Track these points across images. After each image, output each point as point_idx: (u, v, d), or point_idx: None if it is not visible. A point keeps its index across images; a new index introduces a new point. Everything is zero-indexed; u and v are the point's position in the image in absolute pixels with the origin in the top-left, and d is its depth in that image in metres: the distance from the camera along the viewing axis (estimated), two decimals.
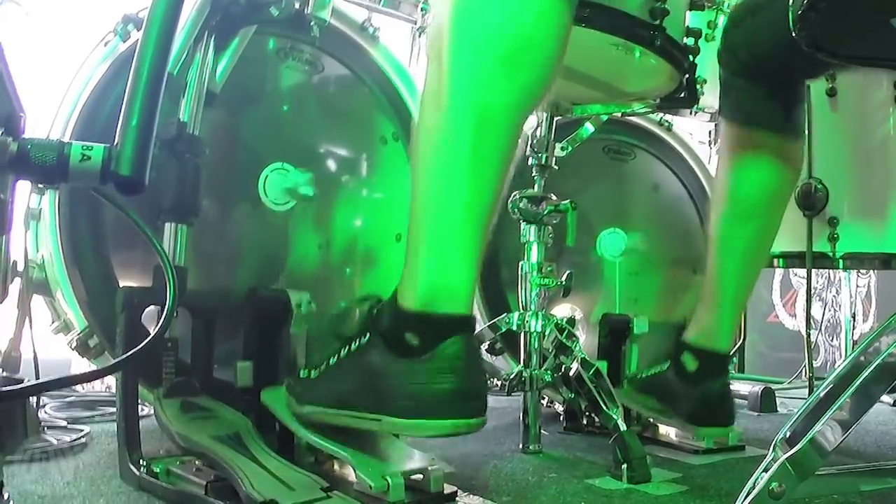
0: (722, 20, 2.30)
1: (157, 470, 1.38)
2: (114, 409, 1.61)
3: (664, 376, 1.86)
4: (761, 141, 1.72)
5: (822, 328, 3.98)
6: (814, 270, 2.33)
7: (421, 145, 1.24)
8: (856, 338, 3.46)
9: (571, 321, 1.96)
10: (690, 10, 1.74)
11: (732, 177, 1.77)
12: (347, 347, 1.30)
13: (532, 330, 1.87)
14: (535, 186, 1.93)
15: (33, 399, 1.61)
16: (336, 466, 1.45)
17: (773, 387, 2.77)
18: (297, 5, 1.92)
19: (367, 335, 1.27)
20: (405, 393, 1.19)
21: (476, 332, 1.93)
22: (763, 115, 1.74)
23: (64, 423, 1.86)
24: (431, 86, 1.23)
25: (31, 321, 1.83)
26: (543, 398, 2.16)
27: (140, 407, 1.48)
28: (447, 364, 1.19)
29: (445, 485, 1.38)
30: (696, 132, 2.97)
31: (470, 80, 1.19)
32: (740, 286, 1.80)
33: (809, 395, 1.39)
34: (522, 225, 1.90)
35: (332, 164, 2.13)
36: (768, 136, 1.73)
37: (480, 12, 1.19)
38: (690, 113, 2.70)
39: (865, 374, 1.07)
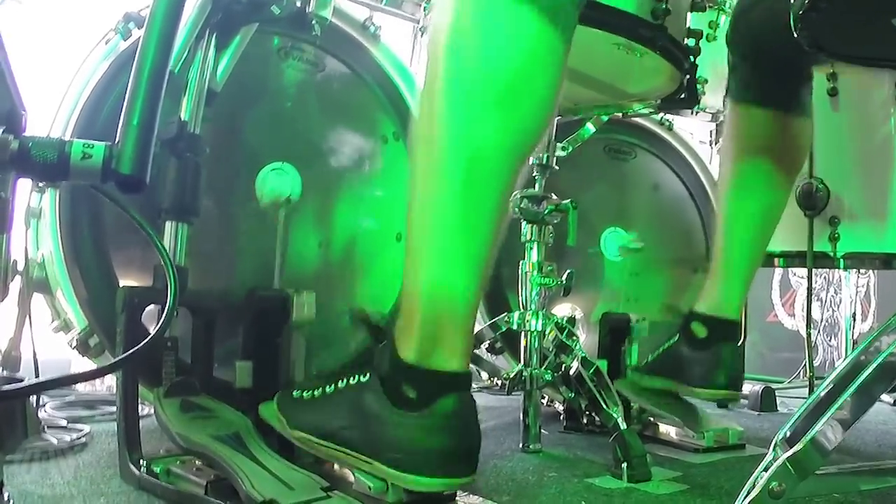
0: (724, 20, 2.31)
1: (158, 469, 1.38)
2: (114, 409, 1.61)
3: (673, 349, 1.86)
4: (769, 119, 1.74)
5: (821, 328, 3.98)
6: (813, 270, 2.32)
7: (413, 186, 1.21)
8: (855, 337, 3.46)
9: (572, 320, 1.96)
10: (692, 10, 1.73)
11: (740, 154, 1.79)
12: (346, 381, 1.29)
13: (532, 329, 1.87)
14: (536, 186, 1.93)
15: (33, 398, 1.61)
16: (336, 466, 1.44)
17: (773, 386, 2.77)
18: (298, 4, 1.92)
19: (366, 374, 1.26)
20: (398, 446, 1.19)
21: (476, 331, 1.94)
22: (771, 95, 1.75)
23: (64, 423, 1.85)
24: (424, 125, 1.20)
25: (31, 320, 1.83)
26: (544, 397, 2.16)
27: (140, 406, 1.48)
28: (442, 422, 1.18)
29: None
30: (697, 132, 2.97)
31: (462, 124, 1.16)
32: (748, 256, 1.81)
33: (809, 394, 1.39)
34: (523, 224, 1.90)
35: (332, 163, 2.13)
36: (776, 114, 1.74)
37: (473, 47, 1.16)
38: (692, 113, 2.71)
39: (866, 373, 1.07)
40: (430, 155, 1.18)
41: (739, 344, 1.88)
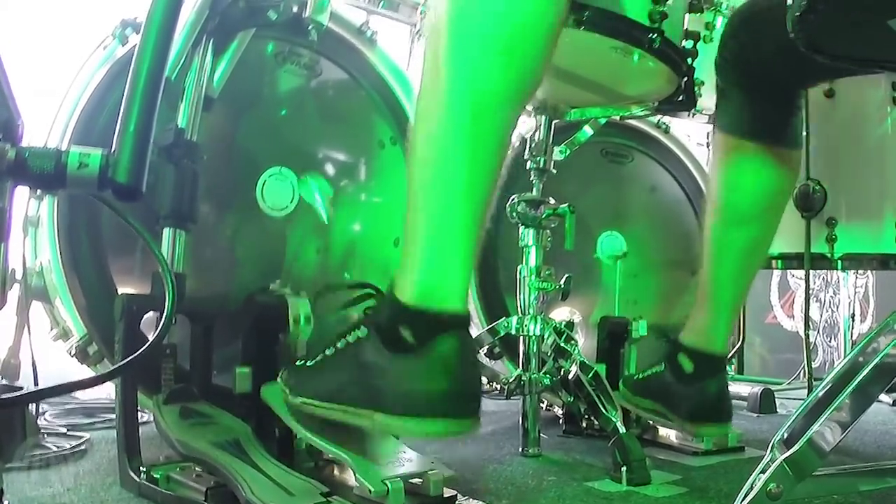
0: (720, 21, 2.31)
1: (157, 476, 1.38)
2: (113, 416, 1.61)
3: (660, 378, 1.85)
4: (759, 151, 1.71)
5: (820, 329, 3.98)
6: (812, 271, 2.32)
7: (418, 137, 1.23)
8: (854, 338, 3.46)
9: (570, 324, 1.96)
10: (689, 12, 1.73)
11: (728, 183, 1.76)
12: (344, 339, 1.29)
13: (531, 334, 1.87)
14: (534, 190, 1.93)
15: (33, 406, 1.61)
16: (336, 471, 1.44)
17: (773, 388, 2.77)
18: (295, 9, 1.92)
19: (363, 328, 1.26)
20: (398, 391, 1.18)
21: (475, 335, 1.94)
22: (761, 126, 1.72)
23: (64, 430, 1.85)
24: (428, 79, 1.23)
25: (29, 328, 1.83)
26: (542, 401, 2.16)
27: (140, 413, 1.48)
28: (441, 362, 1.17)
29: (445, 489, 1.38)
30: (694, 134, 2.97)
31: (468, 71, 1.19)
32: (736, 289, 1.79)
33: (808, 395, 1.39)
34: (521, 228, 1.90)
35: (330, 169, 2.13)
36: (766, 146, 1.72)
37: (479, 6, 1.20)
38: (689, 115, 2.71)
39: (863, 373, 1.07)
40: (433, 97, 1.21)
41: (738, 346, 1.87)
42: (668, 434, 2.00)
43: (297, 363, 1.38)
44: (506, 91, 1.21)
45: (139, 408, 1.49)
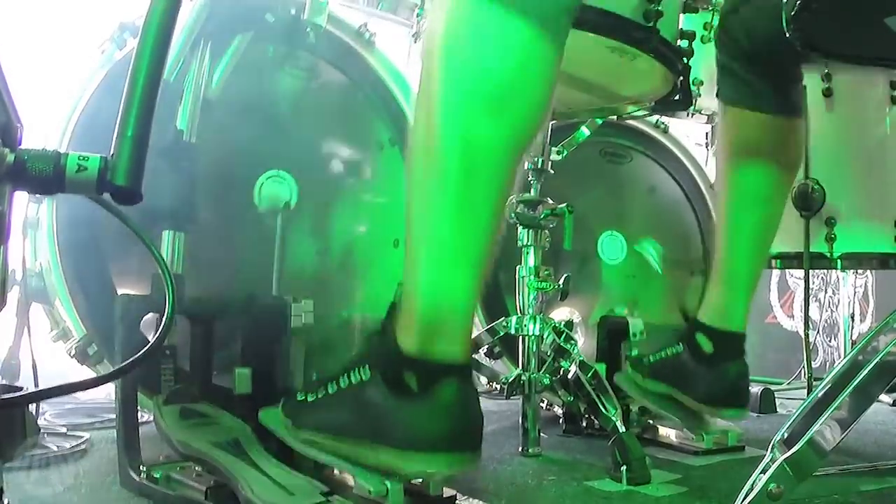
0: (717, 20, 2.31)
1: (157, 476, 1.38)
2: (113, 416, 1.62)
3: (678, 358, 1.85)
4: (761, 122, 1.74)
5: (820, 329, 3.98)
6: (811, 271, 2.32)
7: (411, 182, 1.23)
8: (854, 338, 3.46)
9: (570, 324, 1.96)
10: (684, 12, 1.74)
11: (736, 161, 1.78)
12: (347, 378, 1.30)
13: (530, 333, 1.88)
14: (532, 190, 1.93)
15: (33, 406, 1.61)
16: (335, 471, 1.45)
17: (773, 388, 2.77)
18: (293, 11, 1.93)
19: (366, 369, 1.27)
20: (401, 431, 1.19)
21: (475, 336, 1.94)
22: (761, 96, 1.75)
23: (64, 430, 1.86)
24: (421, 126, 1.22)
25: (29, 329, 1.84)
26: (542, 401, 2.16)
27: (140, 414, 1.49)
28: (443, 407, 1.19)
29: (445, 488, 1.38)
30: (693, 134, 2.97)
31: (458, 124, 1.18)
32: (751, 265, 1.81)
33: (808, 395, 1.39)
34: (519, 229, 1.90)
35: (328, 171, 2.13)
36: (767, 116, 1.74)
37: (467, 55, 1.18)
38: (687, 115, 2.71)
39: (863, 373, 1.07)
40: (428, 156, 1.20)
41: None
42: (668, 433, 2.00)
43: (298, 396, 1.39)
44: (500, 148, 1.19)
45: (139, 408, 1.49)
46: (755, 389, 2.66)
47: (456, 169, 1.17)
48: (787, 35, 1.15)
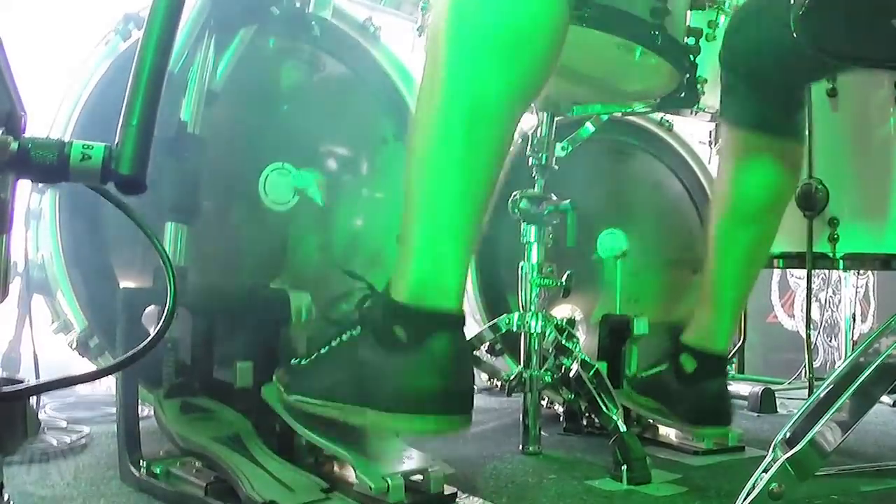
0: (723, 20, 2.30)
1: (157, 471, 1.38)
2: (114, 410, 1.62)
3: (663, 377, 1.86)
4: (763, 144, 1.72)
5: (821, 329, 3.98)
6: (812, 271, 2.32)
7: (415, 137, 1.24)
8: (855, 338, 3.46)
9: (571, 322, 1.96)
10: (691, 9, 1.74)
11: (733, 180, 1.77)
12: (339, 338, 1.29)
13: (532, 331, 1.87)
14: (536, 186, 1.93)
15: (33, 399, 1.61)
16: (336, 468, 1.44)
17: (773, 387, 2.77)
18: (297, 4, 1.92)
19: (359, 327, 1.27)
20: (390, 388, 1.18)
21: (476, 332, 1.94)
22: (765, 118, 1.74)
23: (64, 424, 1.85)
24: (427, 79, 1.23)
25: (31, 321, 1.83)
26: (543, 399, 2.15)
27: (140, 408, 1.48)
28: (433, 361, 1.18)
29: (445, 486, 1.38)
30: (697, 132, 2.97)
31: (464, 72, 1.19)
32: (739, 288, 1.80)
33: (809, 395, 1.39)
34: (523, 225, 1.90)
35: (332, 164, 2.13)
36: (770, 139, 1.73)
37: (477, 6, 1.20)
38: (691, 113, 2.71)
39: (865, 374, 1.07)
40: (432, 105, 1.21)
41: (739, 345, 1.87)
42: (669, 433, 2.00)
43: (293, 362, 1.38)
44: (505, 94, 1.20)
45: (140, 402, 1.49)
46: (756, 389, 2.66)
47: (460, 117, 1.18)
48: (794, 36, 1.14)
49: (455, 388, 1.21)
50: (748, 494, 1.07)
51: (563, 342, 1.85)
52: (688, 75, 1.75)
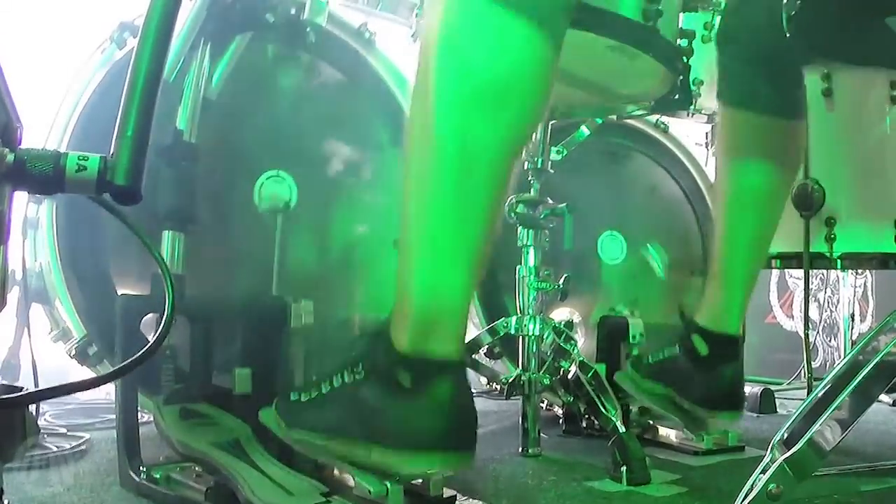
0: (719, 21, 2.31)
1: (157, 476, 1.39)
2: (113, 416, 1.62)
3: (674, 361, 1.85)
4: (762, 123, 1.73)
5: (820, 329, 3.98)
6: (810, 271, 2.32)
7: (408, 180, 1.22)
8: (854, 338, 3.46)
9: (570, 324, 1.96)
10: (684, 11, 1.74)
11: (736, 162, 1.78)
12: (340, 378, 1.30)
13: (530, 333, 1.88)
14: (532, 190, 1.93)
15: (33, 406, 1.62)
16: (336, 472, 1.45)
17: (772, 388, 2.77)
18: (293, 11, 1.92)
19: (360, 370, 1.27)
20: (395, 428, 1.19)
21: (474, 336, 1.94)
22: (762, 98, 1.74)
23: (64, 430, 1.86)
24: (417, 124, 1.22)
25: (29, 329, 1.84)
26: (542, 401, 2.16)
27: (140, 414, 1.48)
28: (437, 405, 1.18)
29: (445, 488, 1.38)
30: (693, 133, 2.97)
31: (454, 121, 1.17)
32: (748, 268, 1.80)
33: (808, 395, 1.39)
34: (520, 229, 1.90)
35: (328, 170, 2.13)
36: (767, 118, 1.73)
37: (462, 52, 1.18)
38: (687, 115, 2.71)
39: (863, 373, 1.07)
40: (423, 154, 1.20)
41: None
42: (668, 433, 2.01)
43: (292, 396, 1.39)
44: (495, 146, 1.18)
45: (139, 408, 1.49)
46: (755, 389, 2.66)
47: (452, 166, 1.17)
48: (787, 35, 1.15)
49: (458, 427, 1.21)
50: (746, 495, 1.08)
51: (562, 345, 1.85)
52: (681, 77, 1.75)
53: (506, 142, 1.20)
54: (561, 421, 2.15)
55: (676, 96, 1.79)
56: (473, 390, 1.29)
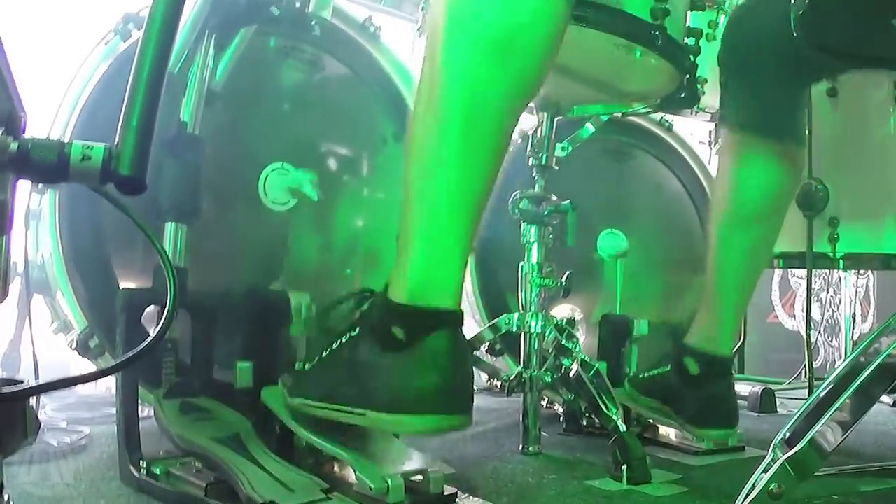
0: (723, 20, 2.31)
1: (157, 471, 1.38)
2: (114, 411, 1.62)
3: (666, 379, 1.84)
4: (763, 146, 1.71)
5: (822, 328, 3.98)
6: (812, 271, 2.32)
7: (412, 136, 1.23)
8: (855, 338, 3.46)
9: (571, 322, 1.96)
10: (691, 10, 1.73)
11: (734, 182, 1.76)
12: (339, 340, 1.29)
13: (532, 331, 1.87)
14: (536, 187, 1.93)
15: (33, 400, 1.61)
16: (336, 468, 1.44)
17: (773, 387, 2.77)
18: (298, 4, 1.92)
19: (358, 329, 1.27)
20: (389, 388, 1.18)
21: (476, 332, 1.94)
22: (764, 120, 1.73)
23: (64, 425, 1.85)
24: (425, 79, 1.23)
25: (31, 321, 1.83)
26: (543, 399, 2.15)
27: (140, 408, 1.48)
28: (431, 359, 1.17)
29: (445, 486, 1.38)
30: (697, 132, 2.97)
31: (461, 69, 1.19)
32: (741, 290, 1.79)
33: (809, 395, 1.39)
34: (523, 225, 1.90)
35: (332, 164, 2.14)
36: (770, 141, 1.72)
37: (473, 6, 1.20)
38: (691, 113, 2.71)
39: (865, 374, 1.07)
40: (430, 102, 1.21)
41: (739, 345, 1.86)
42: (669, 433, 2.00)
43: (297, 366, 1.39)
44: (502, 94, 1.20)
45: (140, 402, 1.49)
46: (756, 389, 2.66)
47: (458, 114, 1.18)
48: (795, 35, 1.15)
49: (454, 385, 1.20)
50: (748, 495, 1.07)
51: (563, 342, 1.85)
52: (688, 75, 1.75)
53: (512, 91, 1.21)
54: (561, 419, 2.15)
55: (683, 94, 1.79)
56: (474, 388, 1.28)
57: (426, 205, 1.21)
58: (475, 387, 1.28)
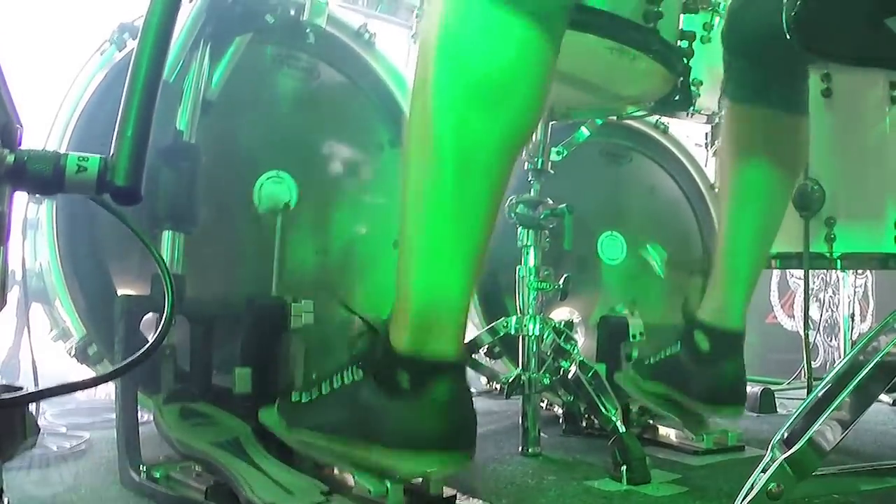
0: (718, 22, 2.31)
1: (157, 475, 1.39)
2: (113, 416, 1.62)
3: (675, 358, 1.85)
4: (766, 119, 1.73)
5: (820, 329, 3.98)
6: (810, 271, 2.32)
7: (407, 186, 1.23)
8: (854, 337, 3.46)
9: (570, 324, 1.96)
10: (684, 13, 1.74)
11: (740, 157, 1.78)
12: (340, 379, 1.30)
13: (530, 334, 1.88)
14: (532, 191, 1.93)
15: (33, 406, 1.62)
16: (336, 471, 1.45)
17: (772, 387, 2.77)
18: (292, 12, 1.93)
19: (359, 371, 1.27)
20: (394, 429, 1.20)
21: (474, 336, 1.94)
22: (766, 93, 1.74)
23: (64, 430, 1.86)
24: (416, 122, 1.22)
25: (29, 329, 1.84)
26: (542, 401, 2.16)
27: (140, 413, 1.49)
28: (436, 406, 1.19)
29: (445, 488, 1.38)
30: (693, 134, 2.97)
31: (452, 119, 1.18)
32: (751, 263, 1.80)
33: (808, 395, 1.39)
34: (520, 229, 1.90)
35: (328, 171, 2.14)
36: (772, 113, 1.73)
37: (461, 50, 1.19)
38: (687, 115, 2.71)
39: (863, 373, 1.07)
40: (422, 152, 1.21)
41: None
42: (668, 433, 2.00)
43: (293, 397, 1.39)
44: (492, 144, 1.19)
45: (139, 407, 1.49)
46: (755, 389, 2.66)
47: (450, 165, 1.18)
48: (787, 36, 1.15)
49: (457, 427, 1.22)
50: (746, 495, 1.08)
51: (562, 344, 1.85)
52: (681, 78, 1.75)
53: (504, 141, 1.20)
54: (561, 420, 2.15)
55: (677, 97, 1.80)
56: (473, 390, 1.29)
57: (424, 253, 1.21)
58: (475, 390, 1.29)
